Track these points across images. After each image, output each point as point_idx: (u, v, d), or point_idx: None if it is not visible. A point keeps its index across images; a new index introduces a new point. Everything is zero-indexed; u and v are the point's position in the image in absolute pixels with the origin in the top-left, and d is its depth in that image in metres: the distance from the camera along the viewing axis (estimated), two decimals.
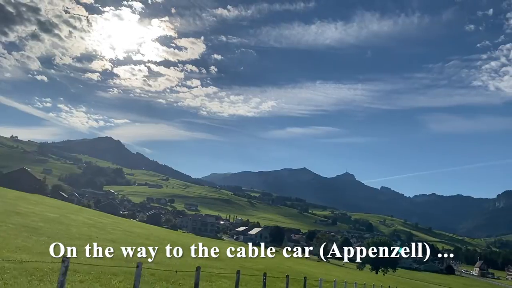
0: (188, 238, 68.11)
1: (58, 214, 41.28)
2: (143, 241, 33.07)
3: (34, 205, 44.93)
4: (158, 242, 34.98)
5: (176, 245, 32.45)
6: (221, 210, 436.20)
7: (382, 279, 60.70)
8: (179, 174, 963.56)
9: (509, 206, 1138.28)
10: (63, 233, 25.29)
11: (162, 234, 54.13)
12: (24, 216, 30.18)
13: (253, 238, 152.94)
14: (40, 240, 19.98)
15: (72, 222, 36.20)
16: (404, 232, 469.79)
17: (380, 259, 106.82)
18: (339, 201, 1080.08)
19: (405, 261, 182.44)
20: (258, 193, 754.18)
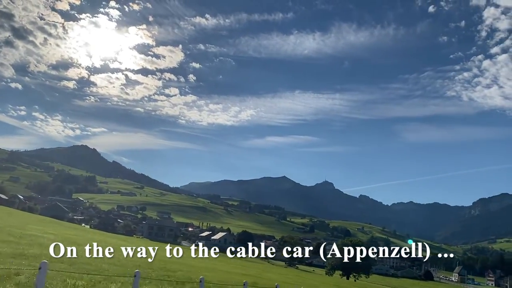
0: (111, 239, 56.52)
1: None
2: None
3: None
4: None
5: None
6: (195, 218, 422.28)
7: (347, 285, 49.79)
8: (156, 183, 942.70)
9: (484, 214, 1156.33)
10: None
11: (82, 237, 48.15)
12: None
13: (216, 243, 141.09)
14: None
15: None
16: (382, 239, 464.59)
17: (352, 264, 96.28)
18: (318, 209, 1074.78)
19: (382, 267, 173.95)
20: (237, 201, 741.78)
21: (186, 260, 42.09)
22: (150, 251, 43.09)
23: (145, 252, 38.25)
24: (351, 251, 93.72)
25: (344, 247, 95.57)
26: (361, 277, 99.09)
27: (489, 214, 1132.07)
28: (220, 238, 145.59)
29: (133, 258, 31.22)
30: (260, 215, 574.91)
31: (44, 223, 65.87)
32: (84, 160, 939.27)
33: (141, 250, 40.68)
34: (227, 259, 77.22)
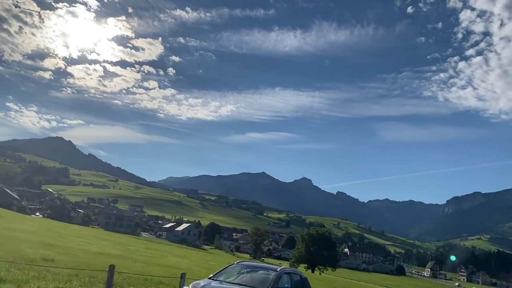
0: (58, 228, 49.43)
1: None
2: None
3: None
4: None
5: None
6: (169, 212, 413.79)
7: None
8: (132, 177, 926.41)
9: (457, 212, 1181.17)
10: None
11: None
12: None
13: (179, 235, 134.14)
14: None
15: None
16: (357, 235, 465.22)
17: (317, 256, 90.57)
18: (297, 205, 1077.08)
19: (353, 262, 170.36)
20: (214, 196, 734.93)
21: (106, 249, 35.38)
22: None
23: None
24: (316, 241, 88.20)
25: (309, 237, 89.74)
26: (328, 270, 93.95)
27: (462, 212, 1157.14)
28: (184, 230, 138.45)
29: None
30: (237, 209, 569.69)
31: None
32: (59, 152, 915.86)
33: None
34: (177, 249, 70.27)
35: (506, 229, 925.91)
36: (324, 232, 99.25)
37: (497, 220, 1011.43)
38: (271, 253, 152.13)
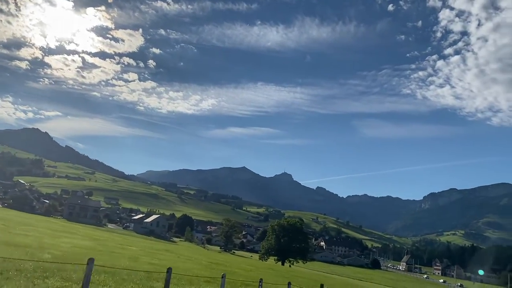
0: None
1: None
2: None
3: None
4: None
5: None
6: (145, 205, 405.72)
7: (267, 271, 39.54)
8: (110, 170, 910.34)
9: (433, 208, 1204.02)
10: None
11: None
12: None
13: (148, 227, 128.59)
14: None
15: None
16: (334, 229, 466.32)
17: (287, 248, 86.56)
18: (277, 200, 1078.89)
19: (328, 255, 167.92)
20: (194, 190, 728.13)
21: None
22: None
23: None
24: (287, 232, 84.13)
25: (279, 228, 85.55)
26: (298, 262, 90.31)
27: (438, 208, 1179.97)
28: (152, 221, 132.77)
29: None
30: (216, 203, 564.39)
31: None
32: (34, 143, 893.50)
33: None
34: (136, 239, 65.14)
35: (480, 225, 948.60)
36: (295, 223, 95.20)
37: (471, 216, 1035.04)
38: (244, 246, 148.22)
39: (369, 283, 77.22)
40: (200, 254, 42.46)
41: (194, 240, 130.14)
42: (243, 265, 37.37)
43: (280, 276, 32.37)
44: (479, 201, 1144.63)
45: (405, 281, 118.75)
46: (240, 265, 36.34)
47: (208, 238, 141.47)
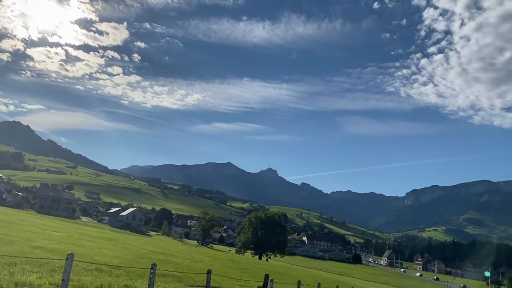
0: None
1: None
2: None
3: None
4: None
5: None
6: (127, 199, 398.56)
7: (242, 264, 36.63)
8: (93, 164, 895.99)
9: (416, 204, 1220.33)
10: None
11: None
12: None
13: (123, 220, 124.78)
14: None
15: None
16: (318, 225, 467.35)
17: (264, 241, 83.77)
18: (261, 196, 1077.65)
19: (309, 249, 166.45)
20: (178, 185, 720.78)
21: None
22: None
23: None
24: (265, 225, 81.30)
25: (257, 221, 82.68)
26: (276, 256, 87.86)
27: (420, 204, 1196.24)
28: (128, 214, 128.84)
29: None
30: (199, 198, 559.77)
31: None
32: (15, 137, 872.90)
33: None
34: (108, 232, 61.62)
35: (461, 221, 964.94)
36: (273, 215, 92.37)
37: (453, 212, 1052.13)
38: (223, 240, 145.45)
39: (346, 277, 75.24)
40: (155, 246, 39.13)
41: (171, 234, 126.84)
42: (197, 256, 34.41)
43: (238, 268, 29.48)
44: (460, 198, 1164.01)
45: (385, 275, 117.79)
46: (193, 256, 33.39)
47: (186, 232, 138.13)
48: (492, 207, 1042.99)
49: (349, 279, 70.20)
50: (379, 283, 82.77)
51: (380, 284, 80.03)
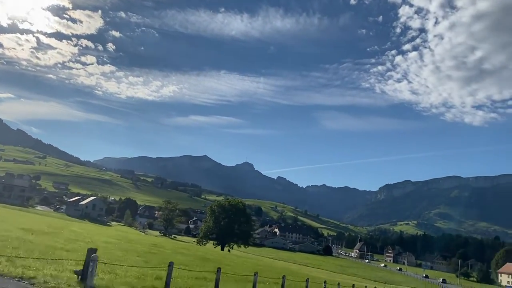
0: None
1: None
2: None
3: None
4: None
5: None
6: (97, 191, 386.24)
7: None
8: (64, 155, 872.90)
9: (388, 198, 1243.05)
10: None
11: None
12: None
13: (82, 209, 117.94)
14: None
15: None
16: (291, 218, 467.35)
17: (227, 230, 79.01)
18: (238, 189, 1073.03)
19: (279, 241, 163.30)
20: (152, 178, 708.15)
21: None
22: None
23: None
24: (228, 213, 76.54)
25: (219, 209, 77.81)
26: (240, 247, 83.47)
27: (393, 199, 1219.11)
28: (87, 203, 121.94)
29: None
30: (173, 191, 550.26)
31: None
32: None
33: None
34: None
35: (432, 216, 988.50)
36: (237, 203, 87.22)
37: (424, 207, 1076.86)
38: (190, 231, 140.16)
39: (311, 269, 71.55)
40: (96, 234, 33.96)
41: (134, 224, 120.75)
42: (108, 240, 29.55)
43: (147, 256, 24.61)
44: (432, 193, 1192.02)
45: (353, 267, 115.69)
46: (102, 239, 28.58)
47: (150, 222, 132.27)
48: (461, 202, 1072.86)
49: (314, 270, 66.67)
50: (347, 275, 79.97)
51: (346, 276, 77.12)
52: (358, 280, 61.24)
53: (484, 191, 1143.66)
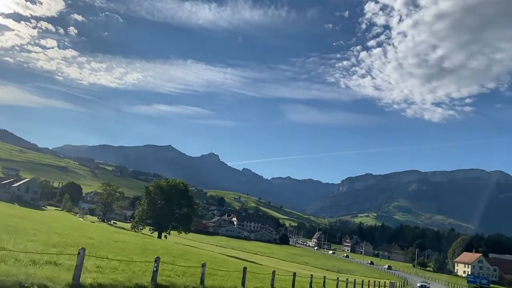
0: None
1: None
2: None
3: None
4: None
5: None
6: (51, 178, 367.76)
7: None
8: (20, 141, 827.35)
9: (350, 191, 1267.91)
10: None
11: None
12: None
13: (14, 192, 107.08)
14: None
15: None
16: (253, 208, 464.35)
17: (165, 215, 71.41)
18: (202, 180, 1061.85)
19: (233, 229, 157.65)
20: (112, 166, 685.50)
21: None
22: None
23: None
24: (166, 195, 68.84)
25: (156, 190, 69.98)
26: (181, 233, 76.39)
27: (354, 191, 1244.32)
28: (20, 186, 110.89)
29: None
30: (133, 180, 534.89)
31: None
32: None
33: None
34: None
35: (391, 208, 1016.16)
36: (178, 183, 79.34)
37: (384, 200, 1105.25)
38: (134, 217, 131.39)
39: (258, 256, 65.62)
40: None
41: (74, 210, 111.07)
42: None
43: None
44: (392, 186, 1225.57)
45: (306, 256, 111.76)
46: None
47: (92, 208, 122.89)
48: (420, 195, 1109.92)
49: (260, 258, 60.95)
50: (297, 263, 75.20)
51: (295, 264, 72.25)
52: (304, 268, 55.94)
53: (441, 185, 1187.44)
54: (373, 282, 43.46)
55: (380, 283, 46.25)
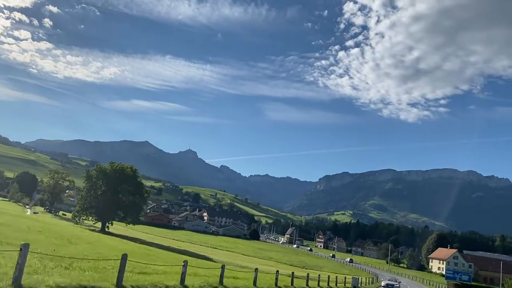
0: None
1: None
2: None
3: None
4: None
5: None
6: (15, 170, 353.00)
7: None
8: None
9: (327, 189, 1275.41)
10: None
11: None
12: None
13: None
14: None
15: None
16: (228, 205, 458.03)
17: (109, 203, 64.15)
18: (180, 177, 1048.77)
19: (200, 224, 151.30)
20: (86, 162, 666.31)
21: None
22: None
23: None
24: (110, 181, 61.53)
25: (99, 174, 62.59)
26: (129, 224, 69.34)
27: (331, 189, 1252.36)
28: None
29: None
30: None
31: None
32: None
33: None
34: None
35: (367, 206, 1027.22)
36: (124, 168, 71.41)
37: (360, 198, 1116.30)
38: None
39: (218, 251, 59.64)
40: None
41: (23, 201, 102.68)
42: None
43: None
44: (368, 184, 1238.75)
45: (272, 251, 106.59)
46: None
47: (41, 198, 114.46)
48: (395, 194, 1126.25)
49: (218, 252, 55.03)
50: (259, 258, 69.87)
51: (257, 259, 66.77)
52: (266, 264, 50.31)
53: (415, 185, 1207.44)
54: (334, 277, 38.00)
55: (341, 279, 40.87)
